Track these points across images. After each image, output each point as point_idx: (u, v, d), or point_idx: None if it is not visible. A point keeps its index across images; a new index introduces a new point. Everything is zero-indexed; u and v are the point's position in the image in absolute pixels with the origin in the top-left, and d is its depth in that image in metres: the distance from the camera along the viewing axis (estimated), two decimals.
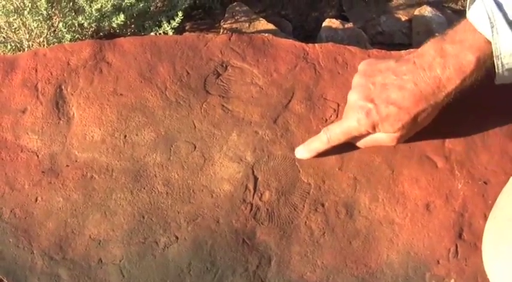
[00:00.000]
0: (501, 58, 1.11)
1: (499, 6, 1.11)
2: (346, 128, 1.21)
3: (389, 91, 1.17)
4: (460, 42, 1.14)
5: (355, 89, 1.22)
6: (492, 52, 1.12)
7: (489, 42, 1.11)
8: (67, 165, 1.24)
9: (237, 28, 1.83)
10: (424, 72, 1.15)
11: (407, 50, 1.40)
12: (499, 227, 1.10)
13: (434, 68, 1.15)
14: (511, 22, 1.10)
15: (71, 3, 1.67)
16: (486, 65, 1.14)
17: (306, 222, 1.19)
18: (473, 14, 1.14)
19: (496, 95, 1.22)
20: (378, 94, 1.18)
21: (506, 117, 1.28)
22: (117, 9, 1.68)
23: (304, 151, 1.25)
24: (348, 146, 1.24)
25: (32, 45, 1.70)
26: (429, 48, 1.17)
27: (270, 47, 1.39)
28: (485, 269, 1.10)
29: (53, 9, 1.65)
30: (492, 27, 1.10)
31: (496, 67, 1.13)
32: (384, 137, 1.21)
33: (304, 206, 1.20)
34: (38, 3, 1.60)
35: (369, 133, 1.21)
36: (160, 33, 1.71)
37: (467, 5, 1.19)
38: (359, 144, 1.25)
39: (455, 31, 1.17)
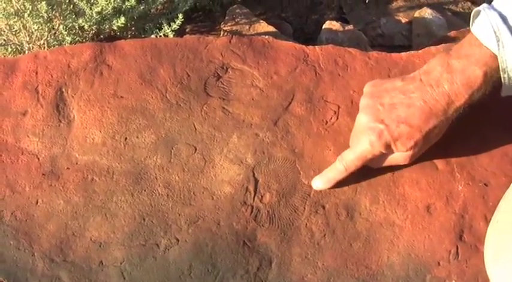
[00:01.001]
0: (508, 71, 1.11)
1: (504, 20, 1.11)
2: (360, 152, 1.19)
3: (398, 110, 1.16)
4: (467, 57, 1.14)
5: (363, 111, 1.21)
6: (498, 66, 1.12)
7: (495, 57, 1.12)
8: (68, 168, 1.24)
9: (237, 30, 1.83)
10: (431, 89, 1.15)
11: (407, 52, 1.40)
12: (501, 231, 1.10)
13: (442, 84, 1.14)
14: None
15: (72, 6, 1.67)
16: (493, 79, 1.14)
17: (306, 224, 1.19)
18: (478, 28, 1.14)
19: (497, 96, 1.22)
20: (388, 114, 1.17)
21: (507, 118, 1.28)
22: (118, 11, 1.68)
23: (321, 182, 1.22)
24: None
25: (33, 47, 1.70)
26: (435, 64, 1.17)
27: (270, 49, 1.39)
28: (487, 273, 1.10)
29: (54, 12, 1.66)
30: (498, 41, 1.10)
31: (502, 80, 1.13)
32: (398, 156, 1.20)
33: (304, 208, 1.20)
34: (39, 6, 1.60)
35: (382, 154, 1.20)
36: (160, 36, 1.71)
37: (471, 18, 1.19)
38: (372, 165, 1.23)
39: (460, 45, 1.17)
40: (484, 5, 1.16)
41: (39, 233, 1.18)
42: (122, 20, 1.64)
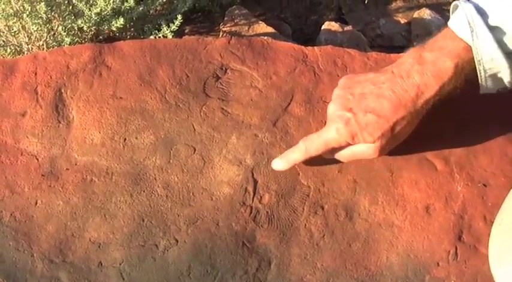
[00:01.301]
0: (482, 63, 1.11)
1: (479, 11, 1.12)
2: (325, 138, 1.19)
3: (367, 100, 1.16)
4: (439, 49, 1.14)
5: (334, 101, 1.21)
6: (471, 59, 1.12)
7: (468, 50, 1.12)
8: (67, 169, 1.24)
9: (236, 31, 1.83)
10: (402, 80, 1.15)
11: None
12: (505, 232, 1.10)
13: (412, 75, 1.14)
14: (491, 27, 1.11)
15: (71, 7, 1.68)
16: (465, 72, 1.14)
17: (305, 224, 1.19)
18: (453, 21, 1.15)
19: (495, 97, 1.22)
20: (357, 104, 1.17)
21: (506, 119, 1.28)
22: (117, 12, 1.68)
23: (281, 162, 1.22)
24: None
25: (32, 48, 1.70)
26: (408, 56, 1.18)
27: (269, 50, 1.40)
28: (492, 273, 1.10)
29: (53, 13, 1.66)
30: (472, 31, 1.10)
31: (478, 73, 1.13)
32: (364, 148, 1.19)
33: (303, 209, 1.20)
34: (38, 7, 1.60)
35: (348, 144, 1.19)
36: (159, 37, 1.71)
37: (450, 13, 1.20)
38: (339, 157, 1.23)
39: (435, 39, 1.17)
40: None
41: (38, 234, 1.18)
42: (121, 21, 1.64)
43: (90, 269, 1.15)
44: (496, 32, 1.10)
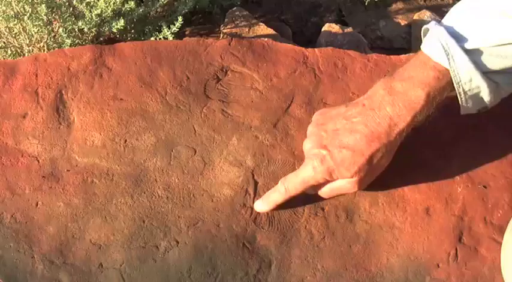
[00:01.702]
0: (462, 85, 1.12)
1: (452, 35, 1.12)
2: (302, 177, 1.17)
3: (340, 136, 1.15)
4: (409, 79, 1.14)
5: (308, 139, 1.20)
6: (442, 87, 1.12)
7: (439, 78, 1.12)
8: (67, 170, 1.25)
9: (236, 33, 1.83)
10: (373, 112, 1.14)
11: (407, 54, 1.40)
12: None
13: (384, 107, 1.13)
14: (466, 49, 1.11)
15: (71, 9, 1.68)
16: (436, 100, 1.13)
17: (306, 226, 1.19)
18: (427, 45, 1.15)
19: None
20: (330, 140, 1.15)
21: (506, 121, 1.28)
22: (117, 14, 1.68)
23: (263, 204, 1.20)
24: None
25: (32, 50, 1.70)
26: (378, 88, 1.17)
27: (269, 51, 1.40)
28: (504, 279, 1.10)
29: (53, 15, 1.66)
30: (447, 55, 1.10)
31: (458, 95, 1.14)
32: (343, 183, 1.17)
33: (304, 210, 1.20)
34: (38, 9, 1.60)
35: (327, 181, 1.17)
36: (160, 38, 1.71)
37: (422, 36, 1.20)
38: (321, 194, 1.21)
39: (404, 69, 1.16)
40: (432, 22, 1.17)
41: (39, 235, 1.18)
42: (122, 22, 1.65)
43: (91, 271, 1.15)
44: (471, 53, 1.11)
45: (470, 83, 1.12)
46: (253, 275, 1.14)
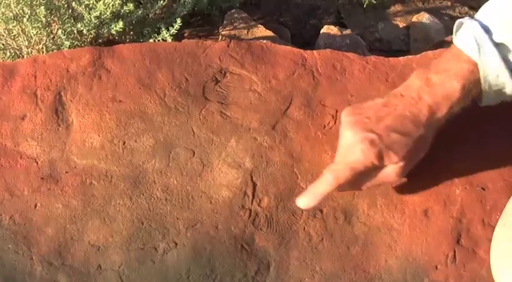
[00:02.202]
0: (488, 80, 1.12)
1: (484, 29, 1.12)
2: (351, 162, 1.14)
3: (386, 121, 1.14)
4: (445, 71, 1.14)
5: (348, 127, 1.16)
6: (477, 80, 1.13)
7: (473, 71, 1.12)
8: (66, 172, 1.25)
9: (235, 35, 1.83)
10: (414, 101, 1.14)
11: (405, 57, 1.40)
12: (508, 234, 1.10)
13: (423, 96, 1.14)
14: (497, 43, 1.11)
15: (70, 11, 1.68)
16: (471, 92, 1.14)
17: (304, 228, 1.19)
18: (460, 38, 1.15)
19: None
20: (376, 125, 1.14)
21: (505, 122, 1.28)
22: (116, 16, 1.68)
23: (309, 199, 1.16)
24: None
25: (31, 52, 1.70)
26: (414, 79, 1.17)
27: (268, 53, 1.40)
28: (493, 275, 1.10)
29: (52, 17, 1.66)
30: (479, 49, 1.11)
31: (482, 88, 1.14)
32: (389, 171, 1.16)
33: (302, 212, 1.20)
34: (37, 11, 1.60)
35: (373, 165, 1.15)
36: (159, 40, 1.71)
37: (454, 31, 1.20)
38: (363, 183, 1.18)
39: (438, 61, 1.17)
40: (466, 17, 1.17)
41: (37, 237, 1.18)
42: (121, 24, 1.64)
43: (89, 272, 1.15)
44: (501, 48, 1.11)
45: (497, 79, 1.12)
46: (252, 277, 1.15)
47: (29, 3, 1.60)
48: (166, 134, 1.29)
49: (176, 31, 1.71)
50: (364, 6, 2.04)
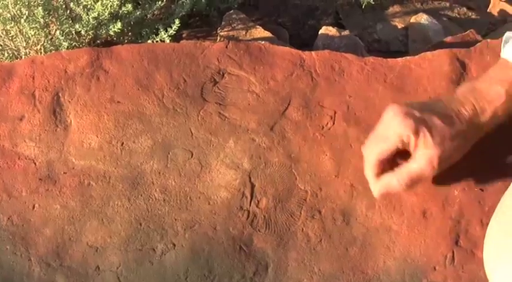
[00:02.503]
0: None
1: None
2: (389, 134, 1.15)
3: (429, 107, 1.15)
4: (490, 79, 1.18)
5: (391, 108, 1.17)
6: None
7: None
8: (64, 173, 1.25)
9: (233, 36, 1.83)
10: (459, 102, 1.16)
11: (403, 58, 1.40)
12: (502, 231, 1.10)
13: (469, 100, 1.16)
14: None
15: (68, 11, 1.68)
16: None
17: (302, 229, 1.19)
18: (507, 52, 1.19)
19: None
20: (419, 108, 1.15)
21: (502, 124, 1.28)
22: (114, 17, 1.68)
23: (375, 186, 1.17)
24: (344, 152, 1.25)
25: (29, 52, 1.70)
26: (461, 87, 1.21)
27: (266, 54, 1.40)
28: (486, 272, 1.10)
29: (50, 17, 1.66)
30: None
31: None
32: (423, 159, 1.14)
33: (301, 213, 1.20)
34: (35, 11, 1.60)
35: (408, 141, 1.14)
36: (157, 41, 1.71)
37: (502, 44, 1.22)
38: (400, 177, 1.16)
39: (486, 73, 1.20)
40: None
41: (35, 238, 1.18)
42: (119, 25, 1.64)
43: (88, 273, 1.15)
44: None
45: None
46: (250, 278, 1.14)
47: (26, 4, 1.60)
48: (165, 135, 1.29)
49: (174, 32, 1.70)
50: (363, 7, 2.04)
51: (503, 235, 1.09)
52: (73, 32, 1.67)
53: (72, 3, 1.66)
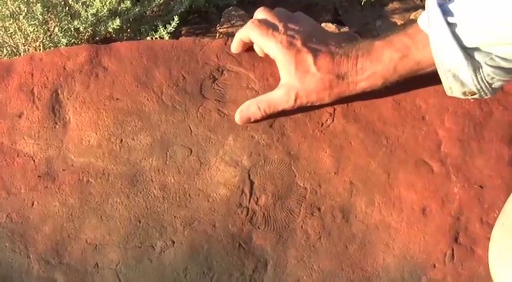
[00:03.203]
0: (440, 54, 1.13)
1: (441, 7, 1.15)
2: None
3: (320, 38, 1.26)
4: (390, 43, 1.22)
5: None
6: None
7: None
8: (63, 170, 1.24)
9: (233, 32, 1.83)
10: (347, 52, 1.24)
11: None
12: (507, 233, 1.10)
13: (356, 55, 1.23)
14: (449, 22, 1.11)
15: (67, 8, 1.67)
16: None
17: (302, 226, 1.19)
18: (423, 17, 1.18)
19: (492, 100, 1.23)
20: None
21: (502, 122, 1.28)
22: (113, 13, 1.68)
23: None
24: (344, 149, 1.24)
25: (28, 49, 1.70)
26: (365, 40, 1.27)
27: None
28: (491, 273, 1.10)
29: (49, 14, 1.66)
30: (430, 21, 1.13)
31: (437, 67, 1.14)
32: (281, 92, 1.26)
33: (300, 210, 1.20)
34: (34, 8, 1.60)
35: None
36: (156, 38, 1.71)
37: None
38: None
39: (394, 35, 1.25)
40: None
41: (34, 235, 1.18)
42: (118, 22, 1.64)
43: (87, 270, 1.15)
44: (452, 26, 1.11)
45: (448, 55, 1.12)
46: (249, 275, 1.14)
47: (25, 0, 1.60)
48: (164, 132, 1.28)
49: (173, 29, 1.71)
50: (362, 3, 2.04)
51: (508, 238, 1.09)
52: (72, 28, 1.67)
53: (71, 0, 1.65)
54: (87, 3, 1.66)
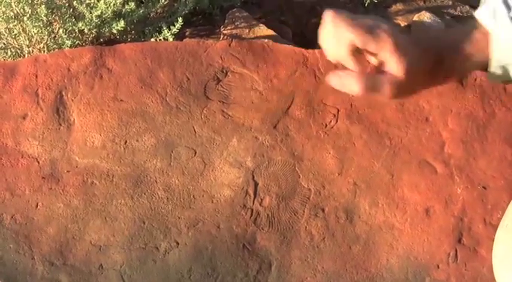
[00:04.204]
0: (499, 50, 1.12)
1: (505, 3, 1.13)
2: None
3: None
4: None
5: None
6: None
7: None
8: (67, 171, 1.25)
9: (237, 34, 1.83)
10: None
11: None
12: (510, 235, 1.10)
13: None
14: None
15: (71, 10, 1.68)
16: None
17: (306, 227, 1.19)
18: (479, 10, 1.17)
19: (495, 101, 1.23)
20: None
21: (505, 123, 1.28)
22: (118, 15, 1.68)
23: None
24: (347, 150, 1.25)
25: (33, 51, 1.70)
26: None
27: (269, 52, 1.40)
28: (494, 275, 1.10)
29: (53, 16, 1.66)
30: (494, 18, 1.12)
31: (491, 60, 1.14)
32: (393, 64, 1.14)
33: (304, 211, 1.20)
34: (38, 10, 1.60)
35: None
36: (160, 39, 1.71)
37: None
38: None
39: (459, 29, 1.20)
40: None
41: (39, 237, 1.18)
42: (122, 23, 1.64)
43: (91, 272, 1.15)
44: None
45: (506, 51, 1.12)
46: (253, 276, 1.15)
47: (29, 2, 1.60)
48: (168, 133, 1.29)
49: (177, 30, 1.70)
50: (366, 5, 2.04)
51: (511, 240, 1.09)
52: (76, 30, 1.67)
53: (75, 1, 1.66)
54: (92, 4, 1.66)
